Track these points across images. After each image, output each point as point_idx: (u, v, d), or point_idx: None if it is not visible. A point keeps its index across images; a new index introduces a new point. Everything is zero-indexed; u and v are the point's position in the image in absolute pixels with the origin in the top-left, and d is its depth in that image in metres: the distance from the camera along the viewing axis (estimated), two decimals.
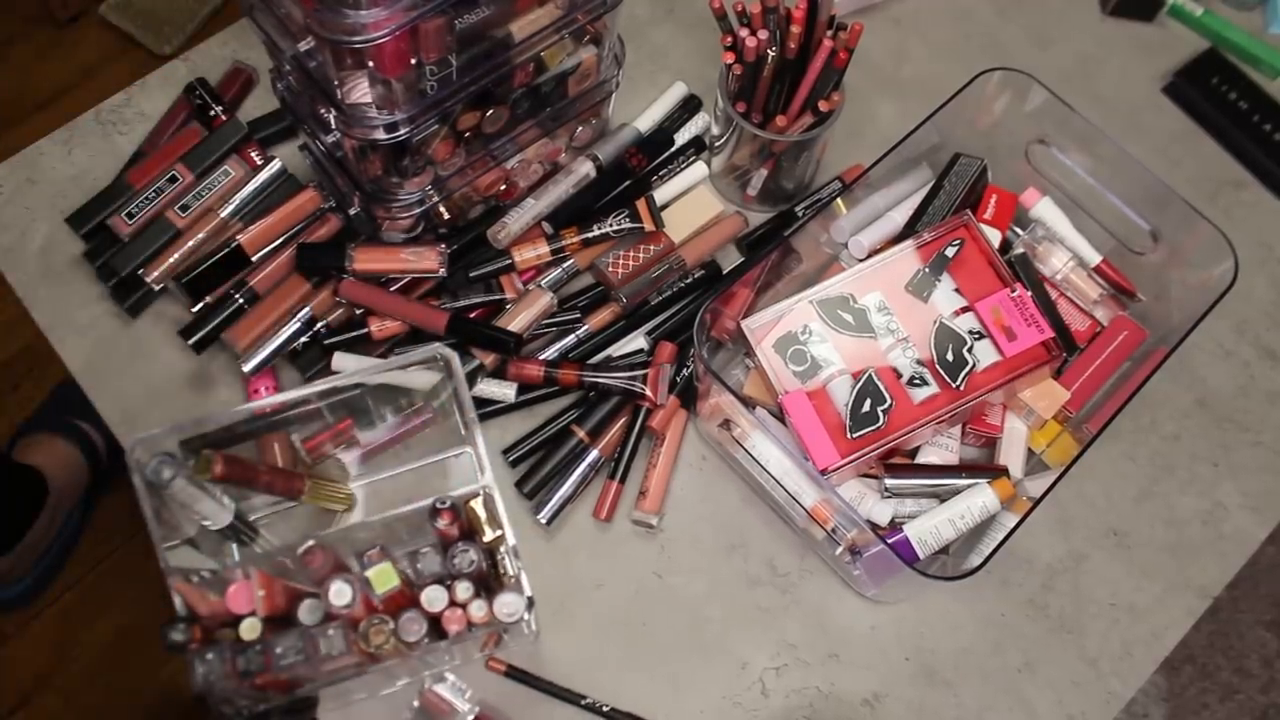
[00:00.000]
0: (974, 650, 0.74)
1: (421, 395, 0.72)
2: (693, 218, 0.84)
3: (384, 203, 0.73)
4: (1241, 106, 0.93)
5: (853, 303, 0.72)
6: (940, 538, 0.69)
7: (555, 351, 0.79)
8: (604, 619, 0.73)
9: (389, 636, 0.58)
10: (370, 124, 0.65)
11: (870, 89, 0.92)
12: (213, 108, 0.83)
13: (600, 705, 0.70)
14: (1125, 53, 0.97)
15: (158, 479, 0.59)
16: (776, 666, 0.73)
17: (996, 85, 0.77)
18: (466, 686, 0.69)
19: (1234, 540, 0.78)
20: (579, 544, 0.75)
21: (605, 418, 0.77)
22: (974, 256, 0.73)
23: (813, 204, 0.85)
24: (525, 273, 0.80)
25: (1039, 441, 0.75)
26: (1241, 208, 0.91)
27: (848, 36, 0.73)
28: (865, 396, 0.69)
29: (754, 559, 0.75)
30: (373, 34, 0.58)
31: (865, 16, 0.95)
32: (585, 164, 0.83)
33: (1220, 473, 0.80)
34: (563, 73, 0.74)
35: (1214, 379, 0.84)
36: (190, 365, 0.78)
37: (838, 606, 0.74)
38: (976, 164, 0.79)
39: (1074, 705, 0.72)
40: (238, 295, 0.77)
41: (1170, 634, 0.75)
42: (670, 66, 0.92)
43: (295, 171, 0.82)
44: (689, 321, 0.81)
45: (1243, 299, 0.86)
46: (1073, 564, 0.77)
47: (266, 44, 0.68)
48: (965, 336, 0.70)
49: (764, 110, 0.79)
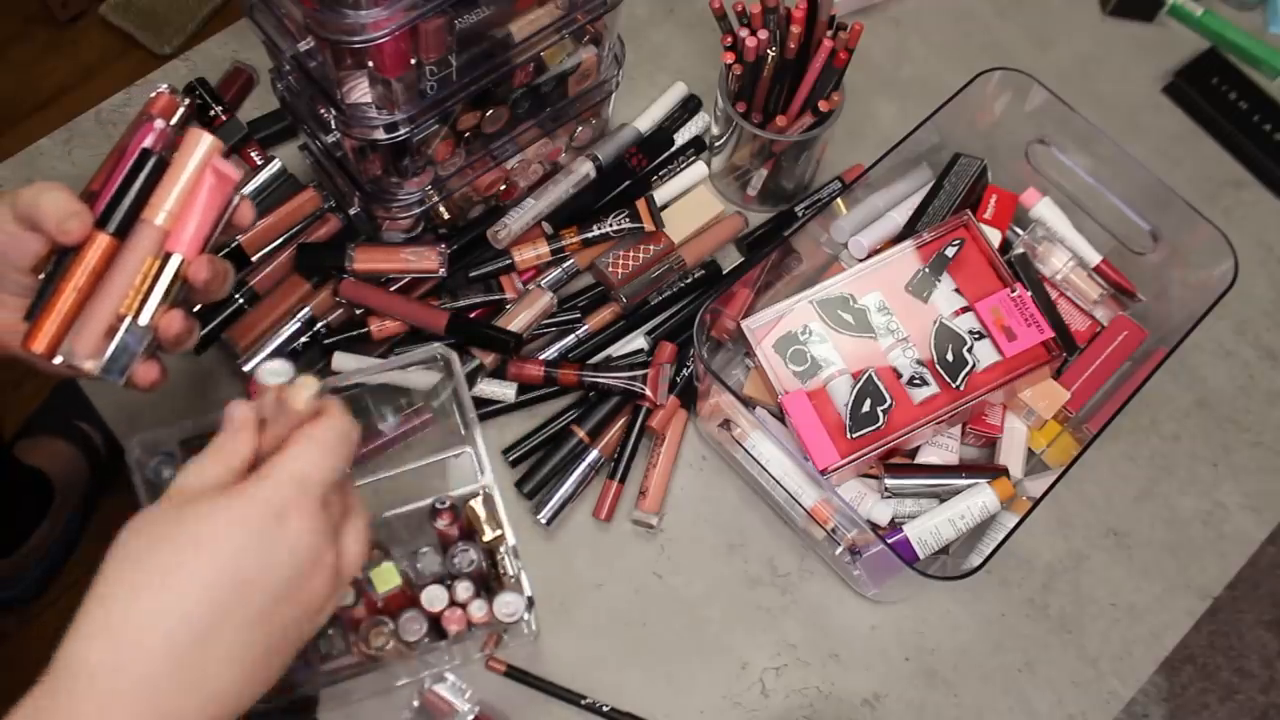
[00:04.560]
0: (974, 650, 0.74)
1: (421, 395, 0.72)
2: (693, 218, 0.84)
3: (384, 203, 0.73)
4: (1241, 106, 0.93)
5: (853, 303, 0.72)
6: (940, 538, 0.69)
7: (555, 351, 0.79)
8: (604, 619, 0.73)
9: (389, 636, 0.58)
10: (370, 124, 0.65)
11: (870, 89, 0.92)
12: (213, 108, 0.83)
13: (600, 705, 0.70)
14: (1125, 53, 0.97)
15: (158, 479, 0.59)
16: (776, 666, 0.73)
17: (996, 85, 0.77)
18: (466, 686, 0.69)
19: (1234, 540, 0.78)
20: (579, 544, 0.75)
21: (605, 418, 0.77)
22: (974, 256, 0.73)
23: (813, 204, 0.85)
24: (525, 273, 0.80)
25: (1039, 441, 0.75)
26: (1241, 208, 0.91)
27: (848, 36, 0.73)
28: (865, 396, 0.69)
29: (754, 559, 0.75)
30: (373, 34, 0.58)
31: (865, 16, 0.95)
32: (585, 164, 0.83)
33: (1220, 473, 0.80)
34: (563, 73, 0.74)
35: (1214, 379, 0.84)
36: (190, 365, 0.78)
37: (838, 606, 0.74)
38: (976, 164, 0.79)
39: (1074, 705, 0.72)
40: (238, 295, 0.77)
41: (1170, 634, 0.75)
42: (670, 66, 0.92)
43: (295, 171, 0.82)
44: (689, 321, 0.81)
45: (1243, 299, 0.86)
46: (1073, 564, 0.77)
47: (266, 44, 0.68)
48: (965, 336, 0.70)
49: (764, 110, 0.79)
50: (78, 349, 0.50)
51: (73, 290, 0.50)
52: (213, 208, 0.51)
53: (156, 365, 0.53)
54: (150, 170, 0.50)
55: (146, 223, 0.50)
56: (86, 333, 0.50)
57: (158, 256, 0.50)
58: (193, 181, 0.50)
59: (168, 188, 0.50)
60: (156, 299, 0.50)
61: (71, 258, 0.50)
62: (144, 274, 0.50)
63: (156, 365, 0.53)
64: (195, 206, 0.51)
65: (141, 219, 0.50)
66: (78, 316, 0.50)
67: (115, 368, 0.50)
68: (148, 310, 0.50)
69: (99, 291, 0.50)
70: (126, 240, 0.50)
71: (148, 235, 0.50)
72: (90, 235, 0.50)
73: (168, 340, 0.52)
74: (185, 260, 0.51)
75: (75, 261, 0.50)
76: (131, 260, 0.50)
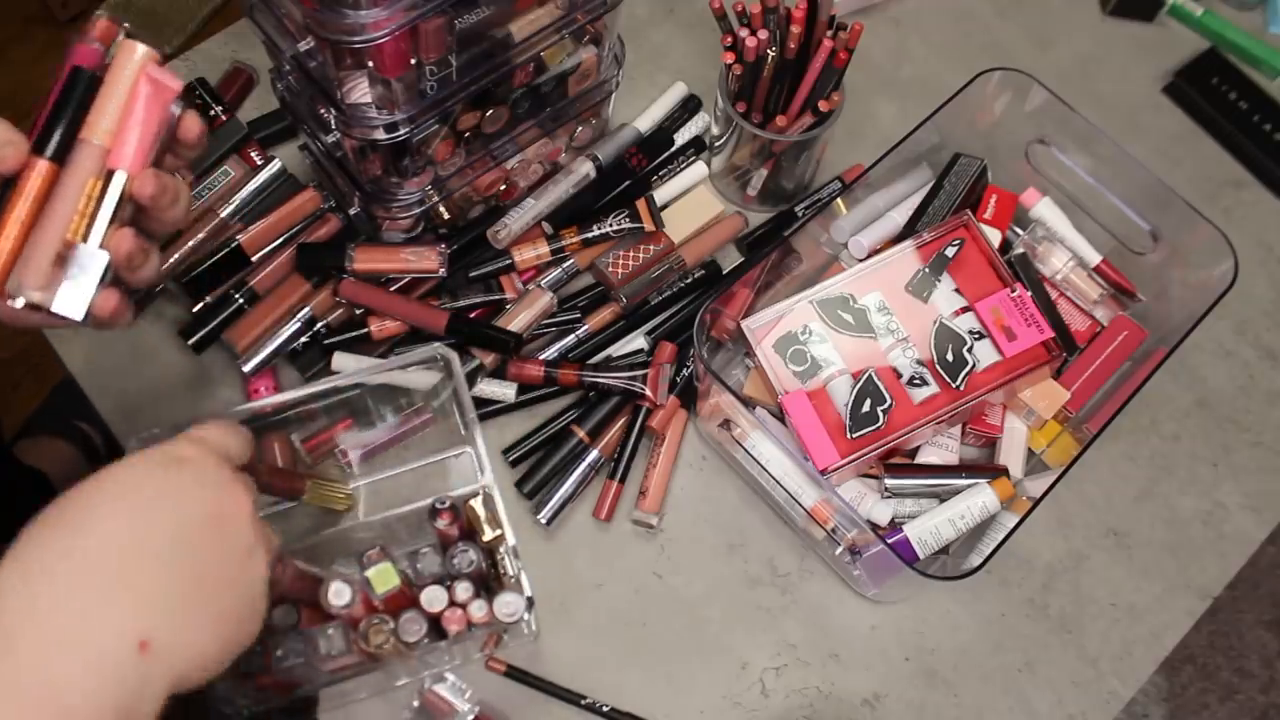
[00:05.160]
0: (974, 650, 0.74)
1: (421, 395, 0.72)
2: (693, 218, 0.84)
3: (384, 203, 0.73)
4: (1241, 106, 0.93)
5: (853, 303, 0.72)
6: (940, 538, 0.69)
7: (555, 351, 0.79)
8: (604, 619, 0.73)
9: (389, 636, 0.58)
10: (370, 124, 0.65)
11: (870, 89, 0.92)
12: (213, 108, 0.83)
13: (600, 705, 0.70)
14: (1125, 53, 0.97)
15: None
16: (776, 666, 0.73)
17: (996, 85, 0.77)
18: (466, 686, 0.69)
19: (1234, 540, 0.78)
20: (579, 544, 0.75)
21: (605, 418, 0.77)
22: (974, 256, 0.73)
23: (813, 204, 0.85)
24: (525, 273, 0.80)
25: (1039, 441, 0.75)
26: (1241, 208, 0.91)
27: (848, 36, 0.73)
28: (865, 396, 0.69)
29: (754, 559, 0.75)
30: (373, 34, 0.58)
31: (865, 16, 0.95)
32: (585, 164, 0.83)
33: (1220, 473, 0.80)
34: (563, 73, 0.74)
35: (1214, 379, 0.84)
36: (190, 365, 0.78)
37: (838, 606, 0.74)
38: (976, 164, 0.79)
39: (1074, 705, 0.72)
40: (238, 295, 0.77)
41: (1170, 634, 0.75)
42: (670, 66, 0.92)
43: (295, 171, 0.82)
44: (689, 321, 0.81)
45: (1243, 299, 0.86)
46: (1073, 564, 0.77)
47: (266, 44, 0.68)
48: (965, 336, 0.70)
49: (764, 110, 0.79)
50: (26, 281, 0.48)
51: (15, 222, 0.47)
52: (153, 120, 0.49)
53: (115, 294, 0.50)
54: (84, 89, 0.48)
55: (85, 143, 0.48)
56: (34, 264, 0.48)
57: (100, 176, 0.48)
58: (129, 94, 0.48)
59: (103, 104, 0.48)
60: (104, 220, 0.48)
61: (11, 189, 0.48)
62: (87, 195, 0.48)
63: (115, 294, 0.50)
64: (133, 120, 0.48)
65: (80, 140, 0.48)
66: (24, 249, 0.48)
67: (70, 298, 0.48)
68: (96, 231, 0.48)
69: (43, 220, 0.48)
70: (66, 164, 0.48)
71: (88, 156, 0.48)
72: (28, 162, 0.48)
73: (121, 261, 0.49)
74: (129, 176, 0.48)
75: (15, 192, 0.48)
76: (73, 184, 0.48)
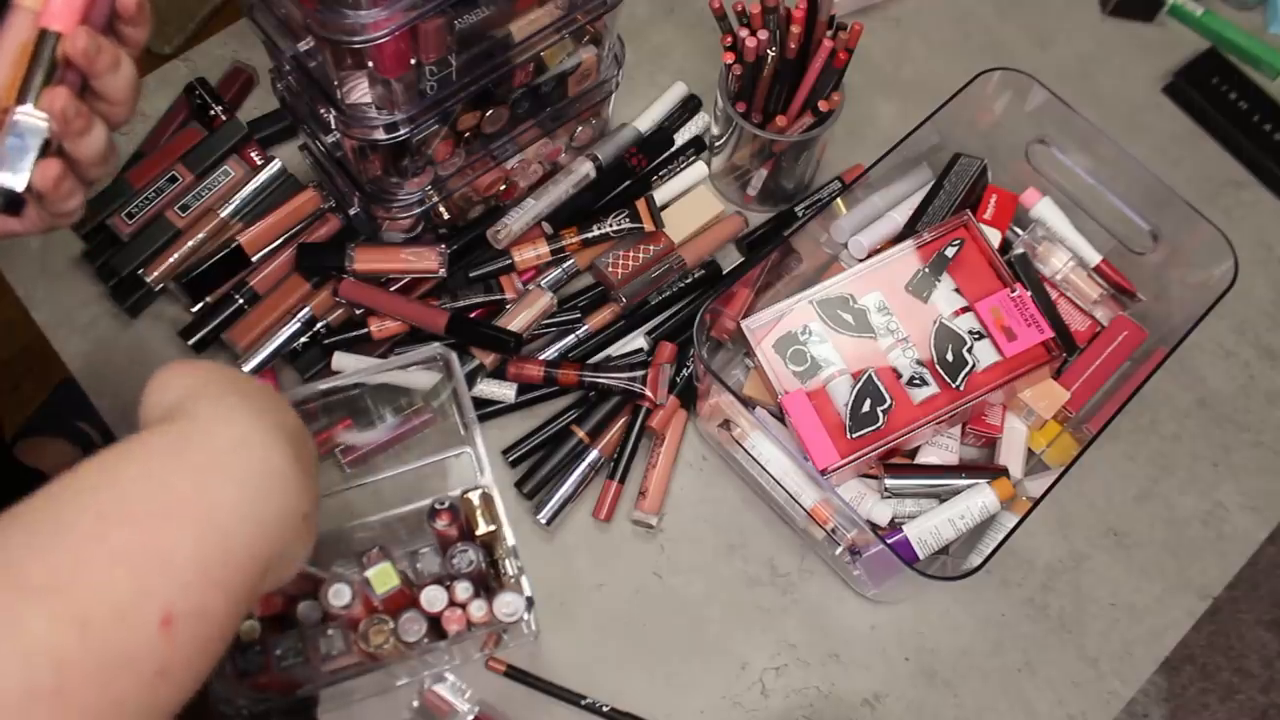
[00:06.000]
0: (974, 650, 0.74)
1: (421, 395, 0.72)
2: (693, 218, 0.84)
3: (384, 203, 0.73)
4: (1241, 106, 0.93)
5: (853, 303, 0.72)
6: (940, 538, 0.69)
7: (555, 351, 0.79)
8: (604, 619, 0.73)
9: (389, 636, 0.58)
10: (370, 124, 0.65)
11: (870, 89, 0.92)
12: (213, 108, 0.83)
13: (600, 705, 0.70)
14: (1125, 53, 0.97)
15: None
16: (776, 666, 0.73)
17: (996, 85, 0.77)
18: (466, 686, 0.69)
19: (1234, 540, 0.78)
20: (579, 544, 0.75)
21: (605, 418, 0.77)
22: (974, 256, 0.73)
23: (813, 204, 0.85)
24: (525, 273, 0.80)
25: (1039, 441, 0.75)
26: (1241, 208, 0.91)
27: (848, 36, 0.73)
28: (865, 396, 0.69)
29: (754, 559, 0.75)
30: (373, 34, 0.58)
31: (865, 16, 0.95)
32: (585, 164, 0.83)
33: (1220, 473, 0.80)
34: (563, 73, 0.74)
35: (1214, 379, 0.84)
36: None
37: (838, 606, 0.74)
38: (976, 164, 0.79)
39: (1074, 705, 0.72)
40: (238, 295, 0.77)
41: (1170, 634, 0.75)
42: (670, 66, 0.92)
43: (295, 171, 0.82)
44: (689, 321, 0.81)
45: (1243, 299, 0.86)
46: (1073, 564, 0.77)
47: (266, 44, 0.68)
48: (965, 336, 0.70)
49: (764, 110, 0.79)
50: None
51: None
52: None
53: (57, 164, 0.47)
54: None
55: (14, 7, 0.47)
56: None
57: (32, 39, 0.46)
58: None
59: None
60: (37, 81, 0.46)
61: None
62: (18, 59, 0.46)
63: (57, 164, 0.47)
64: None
65: (12, 5, 0.47)
66: None
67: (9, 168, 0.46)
68: (30, 93, 0.46)
69: None
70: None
71: (17, 19, 0.47)
72: None
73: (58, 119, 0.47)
74: (61, 34, 0.46)
75: None
76: (5, 50, 0.47)
